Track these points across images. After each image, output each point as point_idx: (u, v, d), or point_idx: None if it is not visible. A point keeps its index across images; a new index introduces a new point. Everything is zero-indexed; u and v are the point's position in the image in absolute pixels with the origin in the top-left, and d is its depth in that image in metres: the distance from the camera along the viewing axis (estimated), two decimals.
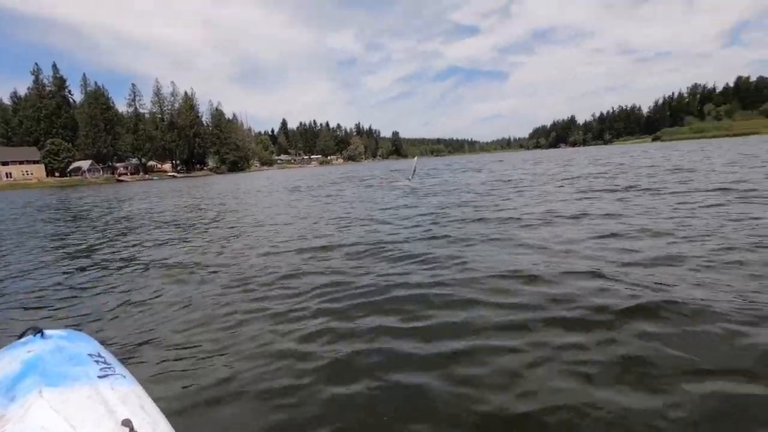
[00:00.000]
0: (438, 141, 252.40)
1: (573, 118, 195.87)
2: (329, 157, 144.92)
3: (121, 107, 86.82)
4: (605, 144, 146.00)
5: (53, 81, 77.43)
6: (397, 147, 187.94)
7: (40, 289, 4.15)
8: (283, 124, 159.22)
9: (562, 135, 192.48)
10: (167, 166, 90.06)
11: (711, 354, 2.04)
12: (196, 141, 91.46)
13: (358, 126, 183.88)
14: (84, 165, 71.34)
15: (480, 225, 5.92)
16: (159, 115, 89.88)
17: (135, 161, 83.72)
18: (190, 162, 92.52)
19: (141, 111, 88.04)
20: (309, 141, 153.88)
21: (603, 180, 11.42)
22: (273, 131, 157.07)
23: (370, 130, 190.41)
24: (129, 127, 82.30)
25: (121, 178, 71.81)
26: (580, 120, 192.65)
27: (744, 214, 5.26)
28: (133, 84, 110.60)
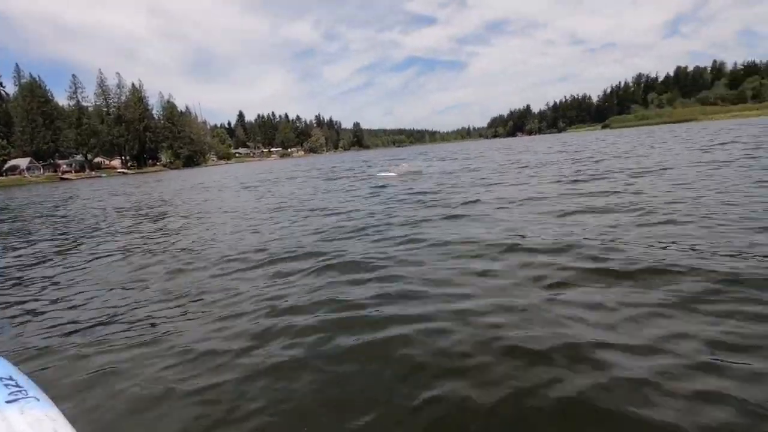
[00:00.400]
0: (400, 132, 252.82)
1: (528, 107, 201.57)
2: (290, 150, 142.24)
3: (62, 101, 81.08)
4: (559, 132, 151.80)
5: None
6: (359, 138, 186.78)
7: None
8: (240, 116, 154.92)
9: (518, 124, 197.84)
10: (116, 162, 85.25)
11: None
12: (146, 135, 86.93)
13: (318, 117, 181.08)
14: (22, 163, 66.20)
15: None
16: (105, 109, 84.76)
17: (80, 158, 78.68)
18: (141, 157, 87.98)
19: (84, 104, 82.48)
20: (268, 133, 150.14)
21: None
22: (230, 124, 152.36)
23: (330, 121, 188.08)
24: (71, 122, 76.76)
25: (65, 176, 67.30)
26: (535, 109, 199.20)
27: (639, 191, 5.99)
28: (74, 75, 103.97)
